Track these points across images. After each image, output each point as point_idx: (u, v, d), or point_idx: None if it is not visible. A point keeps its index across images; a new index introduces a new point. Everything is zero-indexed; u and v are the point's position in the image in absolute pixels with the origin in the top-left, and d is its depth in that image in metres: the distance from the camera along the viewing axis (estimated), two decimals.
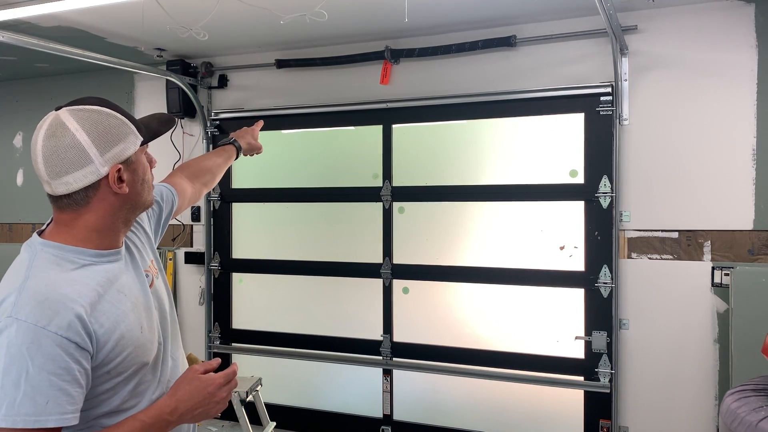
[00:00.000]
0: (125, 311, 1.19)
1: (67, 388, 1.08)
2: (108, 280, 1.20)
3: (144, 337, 1.23)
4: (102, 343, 1.14)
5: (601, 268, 3.13)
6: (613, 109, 3.08)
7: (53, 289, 1.11)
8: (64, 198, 1.17)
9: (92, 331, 1.12)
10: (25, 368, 1.05)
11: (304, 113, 3.75)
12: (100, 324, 1.14)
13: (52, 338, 1.07)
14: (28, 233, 4.68)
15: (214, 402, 1.23)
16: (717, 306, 2.96)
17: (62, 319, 1.08)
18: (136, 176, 1.23)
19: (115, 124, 1.19)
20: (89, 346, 1.11)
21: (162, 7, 2.78)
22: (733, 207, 2.92)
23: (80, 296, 1.13)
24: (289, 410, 3.83)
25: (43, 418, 1.05)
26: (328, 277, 3.76)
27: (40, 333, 1.06)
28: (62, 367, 1.07)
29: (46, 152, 1.14)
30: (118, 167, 1.18)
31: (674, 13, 2.99)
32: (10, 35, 2.82)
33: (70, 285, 1.13)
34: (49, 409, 1.05)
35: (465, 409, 3.46)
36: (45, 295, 1.10)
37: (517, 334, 3.33)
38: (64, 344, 1.08)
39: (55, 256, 1.17)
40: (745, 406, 2.09)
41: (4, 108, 4.74)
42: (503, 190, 3.34)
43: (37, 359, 1.05)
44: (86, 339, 1.11)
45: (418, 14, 3.08)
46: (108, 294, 1.18)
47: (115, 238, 1.25)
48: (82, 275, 1.16)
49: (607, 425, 3.13)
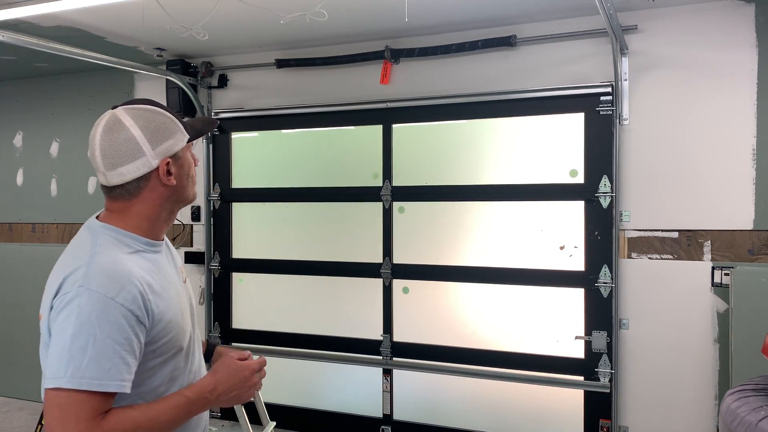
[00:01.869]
0: (171, 297, 1.30)
1: (127, 357, 1.16)
2: (157, 268, 1.30)
3: (184, 323, 1.33)
4: (156, 322, 1.23)
5: (601, 268, 3.13)
6: (613, 109, 3.08)
7: (119, 266, 1.21)
8: (117, 188, 1.28)
9: (150, 308, 1.21)
10: (93, 335, 1.13)
11: (304, 113, 3.75)
12: (156, 304, 1.23)
13: (119, 309, 1.16)
14: (28, 233, 4.68)
15: (248, 386, 1.35)
16: (717, 306, 2.96)
17: (128, 293, 1.18)
18: (182, 170, 1.34)
19: (165, 121, 1.30)
20: (147, 322, 1.20)
21: (162, 7, 2.78)
22: (733, 207, 2.92)
23: (140, 276, 1.23)
24: (289, 410, 3.83)
25: (105, 383, 1.12)
26: (328, 277, 3.76)
27: (109, 303, 1.15)
28: (125, 337, 1.15)
29: (104, 146, 1.26)
30: (167, 161, 1.29)
31: (674, 13, 2.99)
32: (10, 35, 2.82)
33: (131, 265, 1.23)
34: (111, 375, 1.13)
35: (465, 409, 3.46)
36: (113, 270, 1.19)
37: (517, 334, 3.33)
38: (128, 316, 1.16)
39: (114, 238, 1.27)
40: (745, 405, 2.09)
41: (4, 108, 4.74)
42: (503, 189, 3.34)
43: (105, 327, 1.14)
44: (145, 315, 1.20)
45: (418, 14, 3.08)
46: (158, 280, 1.28)
47: (160, 229, 1.36)
48: (136, 260, 1.26)
49: (607, 425, 3.13)
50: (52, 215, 4.58)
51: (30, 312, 4.62)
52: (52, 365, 1.14)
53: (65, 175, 4.52)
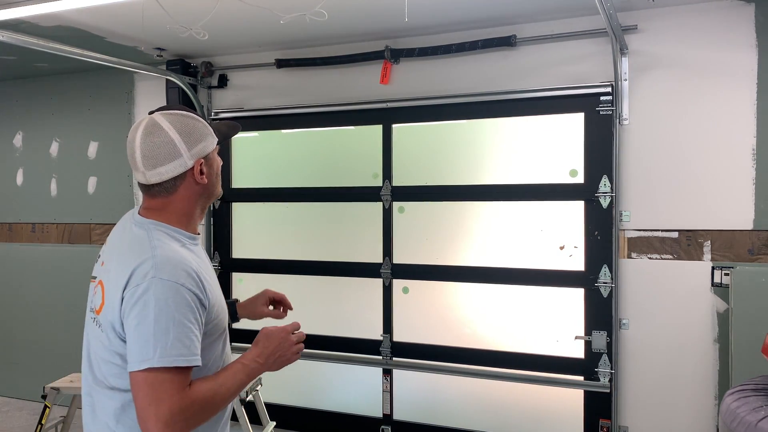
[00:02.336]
0: (213, 279, 1.45)
1: (198, 334, 1.31)
2: (200, 258, 1.45)
3: (224, 305, 1.48)
4: (211, 305, 1.37)
5: (601, 268, 3.13)
6: (613, 109, 3.08)
7: (179, 256, 1.35)
8: (156, 186, 1.41)
9: (206, 292, 1.35)
10: (172, 317, 1.27)
11: (304, 113, 3.75)
12: (210, 289, 1.37)
13: (188, 293, 1.30)
14: (28, 233, 4.68)
15: (288, 346, 1.44)
16: (717, 306, 2.96)
17: (191, 279, 1.32)
18: (212, 170, 1.47)
19: (198, 125, 1.43)
20: (207, 303, 1.35)
21: (162, 7, 2.78)
22: (733, 207, 2.92)
23: (196, 264, 1.37)
24: (289, 410, 3.83)
25: (190, 358, 1.27)
26: (328, 277, 3.76)
27: (180, 289, 1.29)
28: (195, 318, 1.31)
29: (144, 148, 1.38)
30: (201, 161, 1.42)
31: (674, 13, 2.99)
32: (10, 35, 2.82)
33: (186, 254, 1.37)
34: (192, 351, 1.28)
35: (465, 409, 3.46)
36: (176, 260, 1.33)
37: (517, 334, 3.33)
38: (194, 299, 1.31)
39: (165, 233, 1.40)
40: (744, 405, 2.09)
41: (4, 108, 4.74)
42: (503, 189, 3.34)
43: (181, 309, 1.28)
44: (205, 297, 1.35)
45: (418, 14, 3.08)
46: (204, 268, 1.41)
47: (196, 223, 1.50)
48: (186, 251, 1.39)
49: (607, 425, 3.13)
50: (52, 215, 4.58)
51: (30, 312, 4.63)
52: (137, 350, 1.26)
53: (65, 175, 4.52)
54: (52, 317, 4.52)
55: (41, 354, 4.54)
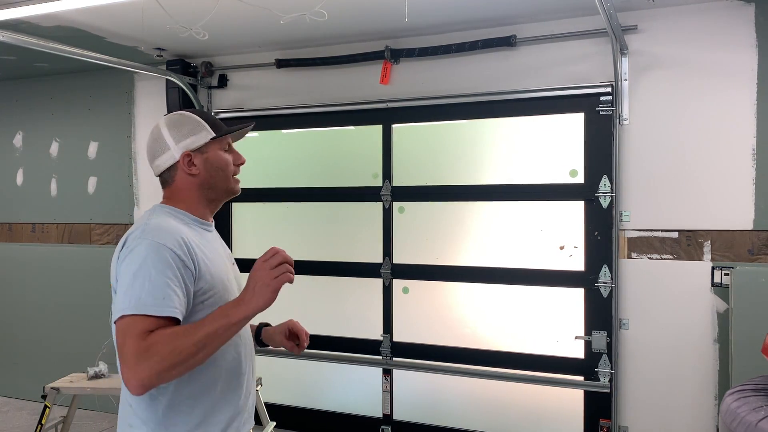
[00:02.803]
0: (217, 262, 1.51)
1: (177, 290, 1.37)
2: (204, 239, 1.53)
3: (229, 285, 1.52)
4: (202, 272, 1.44)
5: (601, 268, 3.13)
6: (613, 109, 3.08)
7: (170, 224, 1.46)
8: (160, 177, 1.57)
9: (194, 258, 1.42)
10: (149, 273, 1.35)
11: (304, 113, 3.75)
12: (201, 258, 1.44)
13: (168, 252, 1.38)
14: (28, 233, 4.68)
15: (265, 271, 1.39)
16: (717, 306, 2.96)
17: (174, 240, 1.41)
18: (208, 164, 1.54)
19: (188, 122, 1.54)
20: (192, 267, 1.41)
21: (162, 7, 2.78)
22: (733, 207, 2.92)
23: (187, 234, 1.46)
24: (289, 410, 3.83)
25: (161, 309, 1.33)
26: (328, 277, 3.76)
27: (161, 247, 1.38)
28: (174, 274, 1.37)
29: (147, 145, 1.58)
30: (189, 154, 1.52)
31: (674, 13, 2.99)
32: (10, 35, 2.82)
33: (180, 226, 1.48)
34: (165, 303, 1.34)
35: (465, 409, 3.46)
36: (166, 227, 1.44)
37: (517, 334, 3.33)
38: (175, 258, 1.39)
39: (167, 212, 1.53)
40: (745, 405, 2.09)
41: (4, 108, 4.74)
42: (503, 189, 3.34)
43: (158, 265, 1.36)
44: (190, 261, 1.41)
45: (418, 14, 3.08)
46: (204, 245, 1.50)
47: (203, 212, 1.58)
48: (185, 228, 1.49)
49: (607, 425, 3.13)
50: (52, 215, 4.58)
51: (30, 312, 4.63)
52: (118, 303, 1.36)
53: (65, 175, 4.52)
54: (52, 317, 4.52)
55: (41, 354, 4.54)
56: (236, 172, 1.62)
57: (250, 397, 1.61)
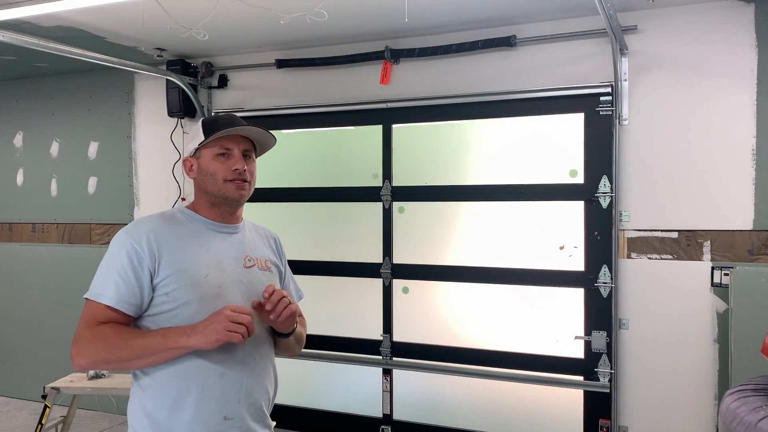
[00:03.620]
0: (197, 257, 1.54)
1: (122, 283, 1.47)
2: (197, 236, 1.59)
3: (204, 282, 1.52)
4: (164, 266, 1.49)
5: (600, 268, 3.13)
6: (613, 109, 3.08)
7: (149, 220, 1.57)
8: None
9: (157, 252, 1.49)
10: (108, 263, 1.51)
11: (304, 113, 3.76)
12: (168, 252, 1.51)
13: (128, 243, 1.49)
14: (29, 233, 4.69)
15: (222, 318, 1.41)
16: (716, 306, 2.97)
17: (141, 233, 1.51)
18: (200, 169, 1.61)
19: (196, 128, 1.63)
20: (149, 261, 1.49)
21: (162, 7, 2.78)
22: (733, 207, 2.92)
23: (162, 230, 1.54)
24: (289, 410, 3.83)
25: (98, 296, 1.48)
26: (328, 277, 3.76)
27: (124, 239, 1.51)
28: (124, 267, 1.47)
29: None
30: (189, 159, 1.64)
31: (674, 13, 2.99)
32: (10, 35, 2.82)
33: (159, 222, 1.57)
34: (108, 293, 1.47)
35: (465, 409, 3.46)
36: (142, 222, 1.57)
37: (517, 334, 3.33)
38: (132, 249, 1.49)
39: (174, 211, 1.66)
40: (744, 405, 2.09)
41: (4, 108, 4.74)
42: (503, 190, 3.34)
43: (115, 256, 1.50)
44: (148, 254, 1.49)
45: (418, 14, 3.08)
46: (188, 241, 1.56)
47: (210, 213, 1.63)
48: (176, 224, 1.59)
49: (607, 425, 3.13)
50: (52, 215, 4.58)
51: (30, 312, 4.63)
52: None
53: (65, 175, 4.52)
54: (52, 317, 4.52)
55: (41, 354, 4.54)
56: (235, 177, 1.60)
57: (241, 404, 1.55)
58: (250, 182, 1.66)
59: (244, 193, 1.64)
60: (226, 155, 1.61)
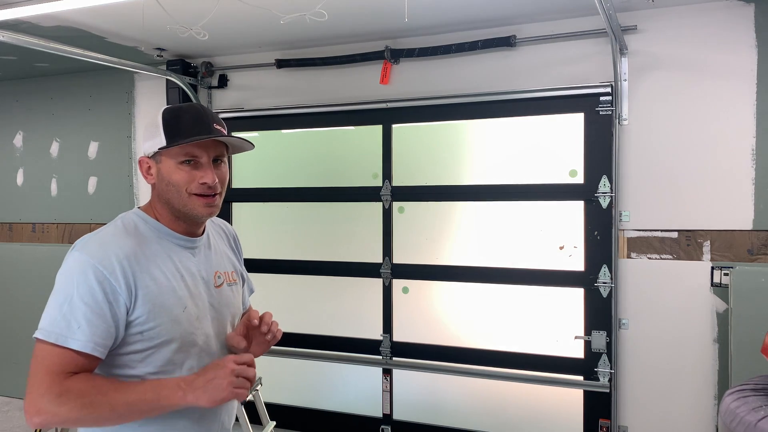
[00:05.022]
0: (173, 287, 1.32)
1: (95, 320, 1.21)
2: (168, 257, 1.34)
3: (183, 317, 1.32)
4: (141, 302, 1.26)
5: (600, 268, 3.14)
6: (613, 109, 3.08)
7: (114, 239, 1.29)
8: None
9: (133, 284, 1.25)
10: (70, 294, 1.22)
11: (304, 113, 3.75)
12: (145, 285, 1.27)
13: (96, 273, 1.22)
14: (29, 233, 4.68)
15: (225, 374, 1.23)
16: (716, 306, 2.97)
17: (109, 259, 1.24)
18: (161, 176, 1.35)
19: (150, 124, 1.36)
20: (125, 295, 1.24)
21: (162, 7, 2.78)
22: (733, 207, 2.93)
23: (133, 253, 1.28)
24: (289, 410, 3.84)
25: (69, 339, 1.20)
26: (328, 277, 3.76)
27: (89, 267, 1.23)
28: (97, 302, 1.22)
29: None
30: (146, 160, 1.36)
31: (674, 13, 2.99)
32: (10, 35, 2.82)
33: (128, 242, 1.30)
34: (78, 335, 1.20)
35: (465, 409, 3.46)
36: (106, 240, 1.28)
37: (517, 334, 3.33)
38: (104, 281, 1.22)
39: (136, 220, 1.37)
40: (744, 405, 2.09)
41: (4, 108, 4.74)
42: (503, 189, 3.34)
43: (81, 288, 1.22)
44: (124, 287, 1.24)
45: (418, 14, 3.08)
46: (160, 265, 1.32)
47: (175, 226, 1.38)
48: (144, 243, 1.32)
49: (607, 425, 3.13)
50: (52, 215, 4.59)
51: (30, 312, 4.62)
52: (42, 317, 1.25)
53: (65, 175, 4.52)
54: None
55: None
56: (203, 192, 1.34)
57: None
58: (221, 193, 1.39)
59: (214, 209, 1.38)
60: (193, 163, 1.33)
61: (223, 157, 1.39)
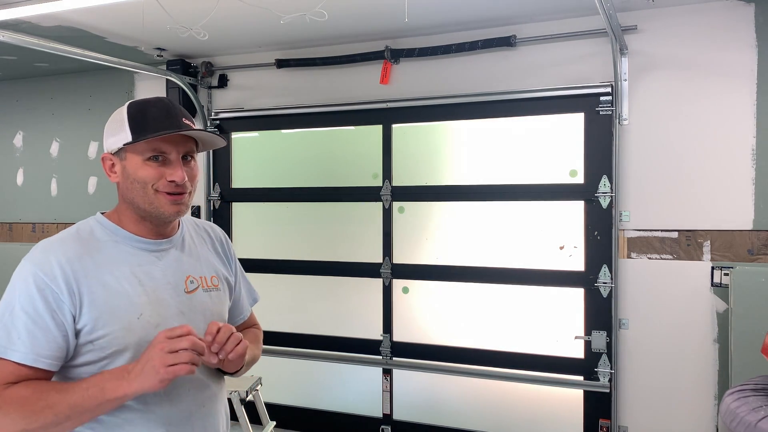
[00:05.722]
0: (127, 292, 1.24)
1: (37, 332, 1.15)
2: (124, 262, 1.27)
3: (137, 325, 1.22)
4: (87, 309, 1.19)
5: (600, 268, 3.13)
6: (613, 109, 3.08)
7: (60, 245, 1.23)
8: None
9: (76, 290, 1.19)
10: (12, 304, 1.17)
11: (304, 113, 3.75)
12: (92, 291, 1.20)
13: (38, 281, 1.17)
14: (29, 233, 4.68)
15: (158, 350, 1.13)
16: (716, 306, 2.97)
17: (50, 266, 1.18)
18: (125, 173, 1.28)
19: (114, 119, 1.29)
20: (69, 302, 1.18)
21: (162, 7, 2.78)
22: (733, 207, 2.92)
23: (78, 259, 1.21)
24: (289, 410, 3.83)
25: (9, 352, 1.14)
26: (328, 277, 3.76)
27: (32, 274, 1.18)
28: (38, 311, 1.16)
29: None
30: (110, 157, 1.29)
31: (674, 13, 2.99)
32: (10, 35, 2.82)
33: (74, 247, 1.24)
34: (18, 347, 1.14)
35: (465, 409, 3.46)
36: (51, 248, 1.22)
37: (517, 334, 3.33)
38: (44, 289, 1.16)
39: (93, 225, 1.31)
40: (744, 405, 2.09)
41: (4, 108, 4.74)
42: (503, 189, 3.34)
43: (23, 298, 1.16)
44: (66, 293, 1.17)
45: (418, 14, 3.08)
46: (113, 270, 1.24)
47: (140, 228, 1.31)
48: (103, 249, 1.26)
49: (607, 425, 3.13)
50: (52, 215, 4.58)
51: None
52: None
53: (65, 175, 4.52)
54: None
55: None
56: (171, 189, 1.26)
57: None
58: (191, 192, 1.31)
59: (182, 208, 1.29)
60: (161, 159, 1.26)
61: (193, 153, 1.32)
